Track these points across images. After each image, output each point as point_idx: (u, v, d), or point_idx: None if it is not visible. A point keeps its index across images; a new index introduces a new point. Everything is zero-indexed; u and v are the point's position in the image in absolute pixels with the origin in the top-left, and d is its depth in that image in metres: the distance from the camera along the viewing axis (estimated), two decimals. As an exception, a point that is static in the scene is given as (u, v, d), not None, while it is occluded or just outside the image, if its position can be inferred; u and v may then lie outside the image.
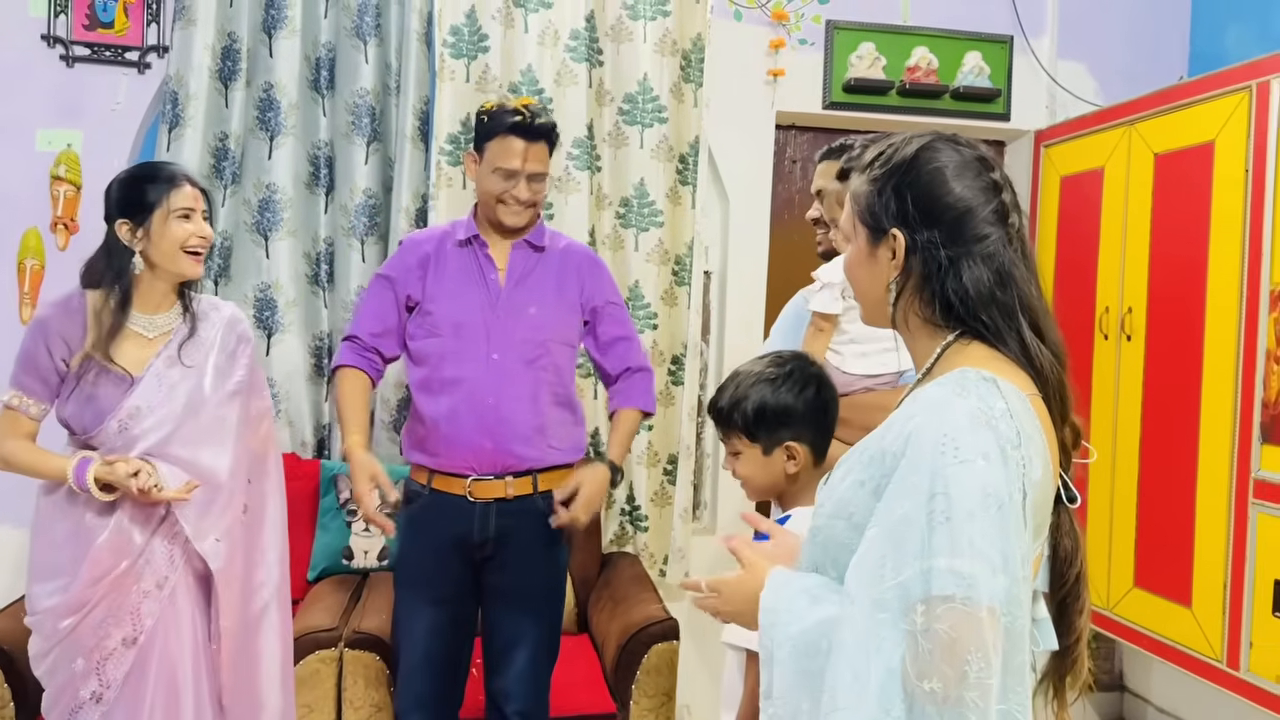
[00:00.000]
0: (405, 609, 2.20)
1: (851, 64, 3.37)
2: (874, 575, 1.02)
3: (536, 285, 2.20)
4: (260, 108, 3.00)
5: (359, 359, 2.24)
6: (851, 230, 1.20)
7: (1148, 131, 2.92)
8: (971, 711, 0.95)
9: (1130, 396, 2.95)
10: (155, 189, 1.89)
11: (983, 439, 1.00)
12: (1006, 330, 1.11)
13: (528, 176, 2.14)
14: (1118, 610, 2.98)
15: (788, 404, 1.62)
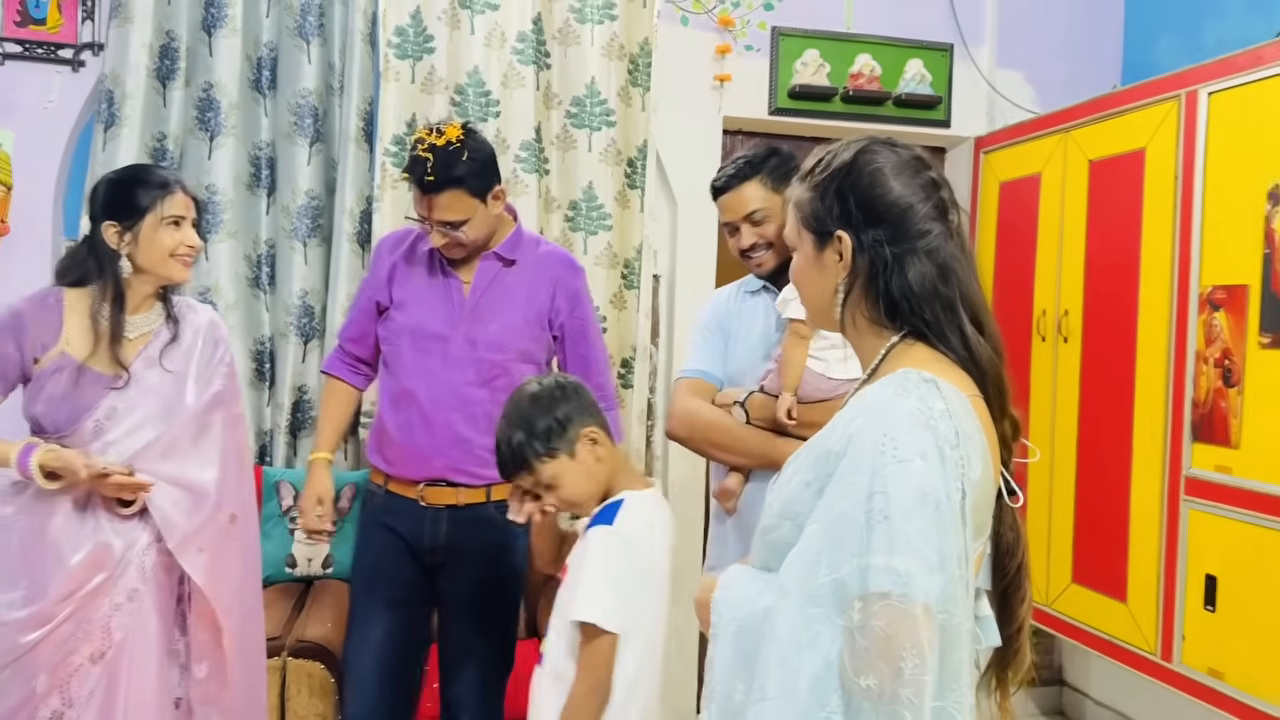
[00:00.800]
0: (361, 615, 2.17)
1: (796, 70, 3.41)
2: (809, 570, 1.04)
3: (502, 300, 2.12)
4: (200, 108, 2.95)
5: (341, 367, 2.24)
6: (797, 238, 1.21)
7: (1083, 138, 3.00)
8: (906, 708, 0.97)
9: (1067, 397, 3.02)
10: (148, 194, 1.85)
11: (921, 439, 1.02)
12: (948, 325, 1.13)
13: (438, 223, 2.03)
14: (1056, 606, 3.05)
15: (560, 410, 1.71)
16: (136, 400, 1.86)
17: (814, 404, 1.90)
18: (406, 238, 2.21)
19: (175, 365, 1.89)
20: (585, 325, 2.21)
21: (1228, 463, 2.44)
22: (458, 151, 1.98)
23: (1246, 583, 2.39)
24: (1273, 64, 2.36)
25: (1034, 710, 3.68)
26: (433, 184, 1.96)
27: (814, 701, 1.01)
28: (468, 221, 2.03)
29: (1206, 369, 2.52)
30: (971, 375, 1.13)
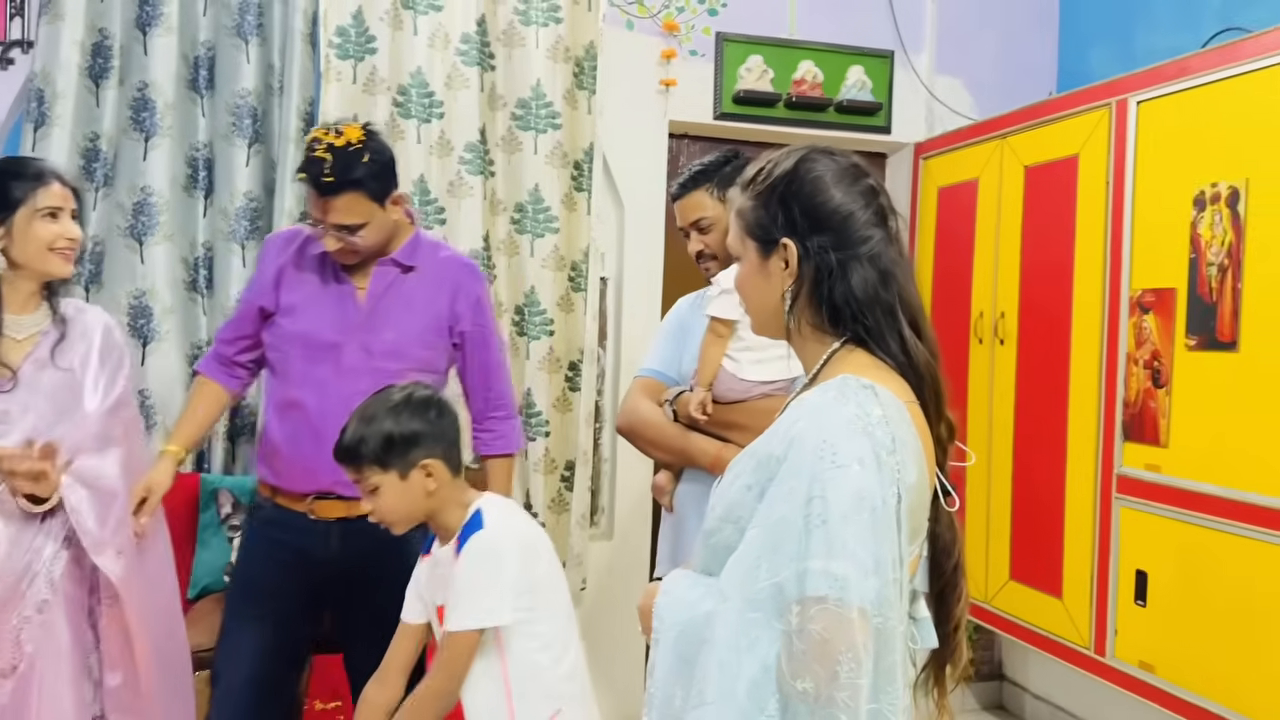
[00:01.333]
0: (234, 625, 2.08)
1: (741, 76, 3.44)
2: (749, 575, 1.05)
3: (398, 307, 2.05)
4: (134, 107, 2.87)
5: (216, 368, 2.17)
6: (741, 246, 1.23)
7: (1019, 145, 3.07)
8: (842, 711, 0.98)
9: (1004, 399, 3.09)
10: (20, 186, 1.80)
11: (859, 445, 1.04)
12: (888, 330, 1.15)
13: (333, 226, 1.94)
14: (995, 603, 3.12)
15: (414, 428, 1.72)
16: (28, 402, 1.81)
17: (728, 404, 1.94)
18: (295, 239, 2.12)
19: (66, 363, 1.85)
20: (486, 332, 2.16)
21: (1157, 461, 2.52)
22: (358, 153, 1.91)
23: (1175, 578, 2.46)
24: (1199, 74, 2.44)
25: (974, 705, 3.76)
26: (330, 185, 1.89)
27: (752, 705, 1.02)
28: (365, 226, 1.95)
29: (1137, 370, 2.59)
30: (909, 380, 1.16)
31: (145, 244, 2.89)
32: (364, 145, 1.92)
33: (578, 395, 3.19)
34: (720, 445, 1.94)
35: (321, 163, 1.88)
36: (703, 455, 1.96)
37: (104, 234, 2.88)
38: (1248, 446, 2.28)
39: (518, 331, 3.17)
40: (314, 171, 1.89)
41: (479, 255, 3.05)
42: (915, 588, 1.19)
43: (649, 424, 2.04)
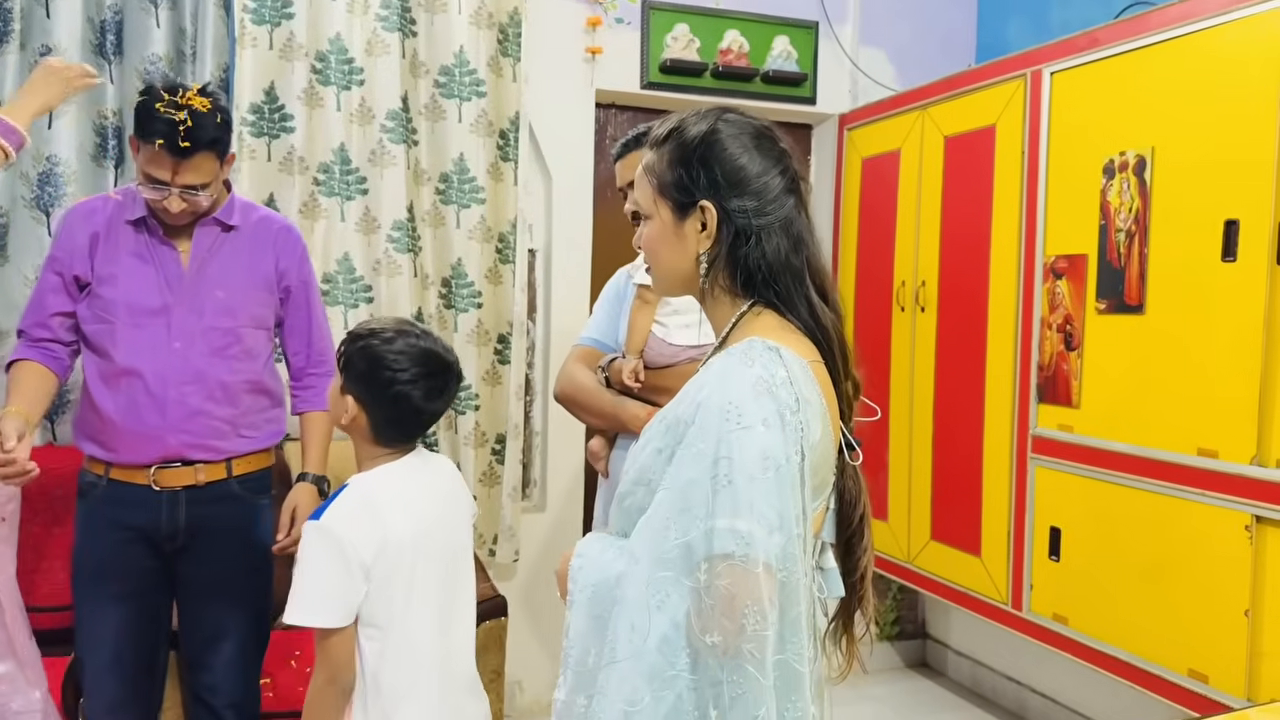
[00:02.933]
0: (88, 609, 2.02)
1: (667, 45, 3.44)
2: (659, 535, 1.08)
3: (225, 266, 2.04)
4: (36, 72, 2.76)
5: (29, 352, 2.02)
6: (652, 206, 1.22)
7: (939, 115, 3.13)
8: (748, 662, 1.02)
9: (924, 364, 3.17)
10: None
11: (764, 406, 1.07)
12: (797, 295, 1.18)
13: (183, 187, 1.92)
14: (917, 562, 3.21)
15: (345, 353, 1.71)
16: None
17: (659, 369, 1.97)
18: (103, 208, 2.05)
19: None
20: (310, 289, 2.20)
21: (1070, 421, 2.61)
22: (212, 114, 1.91)
23: (1087, 533, 2.57)
24: (1109, 45, 2.51)
25: (899, 663, 3.87)
26: (188, 149, 1.87)
27: (663, 660, 1.05)
28: (209, 185, 1.96)
29: (1050, 334, 2.68)
30: (816, 341, 1.18)
31: (52, 216, 2.78)
32: (214, 105, 1.93)
33: (507, 368, 3.18)
34: (650, 410, 1.96)
35: (176, 124, 1.85)
36: (634, 420, 1.98)
37: (8, 205, 2.76)
38: (1154, 405, 2.38)
39: (445, 304, 3.14)
40: (166, 132, 1.86)
41: (403, 226, 3.01)
42: (823, 539, 1.22)
43: (584, 390, 2.07)
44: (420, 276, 3.07)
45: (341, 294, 3.00)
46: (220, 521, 2.06)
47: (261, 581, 2.18)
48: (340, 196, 2.99)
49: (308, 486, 2.16)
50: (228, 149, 2.00)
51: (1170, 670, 2.33)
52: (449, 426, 3.15)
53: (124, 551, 2.02)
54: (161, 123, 1.86)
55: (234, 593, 2.10)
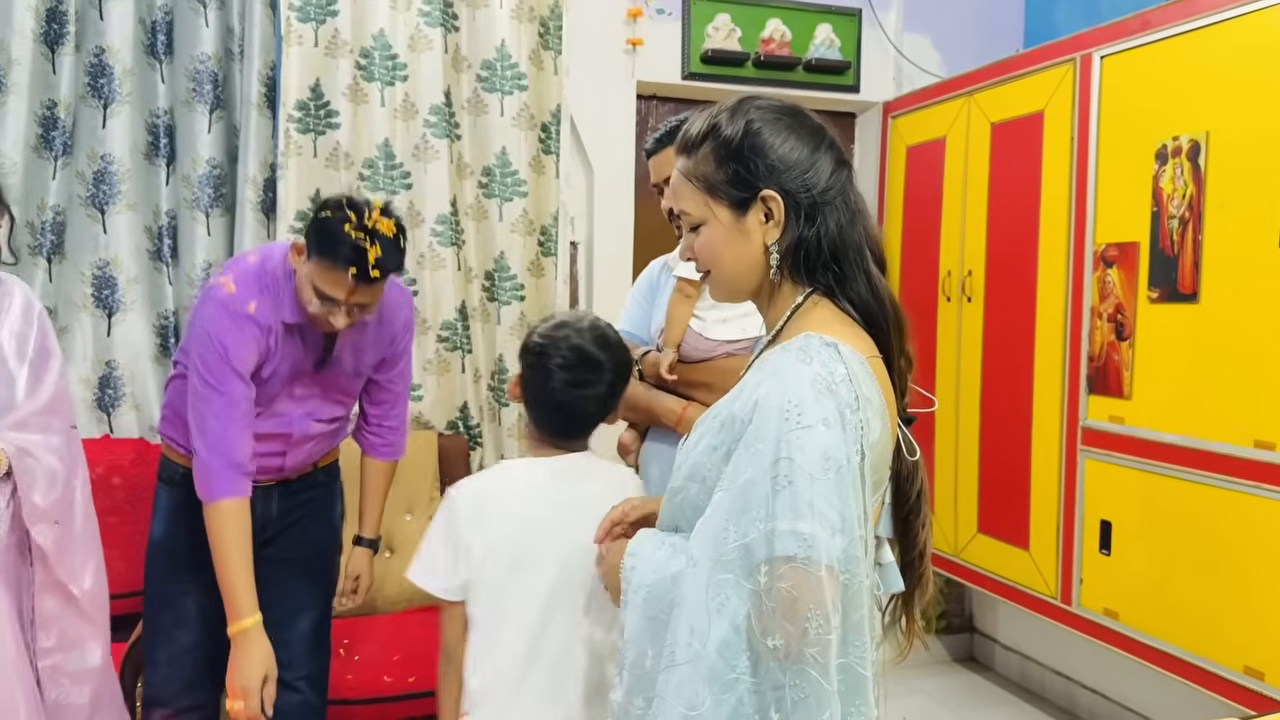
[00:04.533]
0: (172, 594, 2.06)
1: (709, 35, 3.42)
2: (718, 537, 1.06)
3: (358, 349, 2.07)
4: (92, 74, 2.82)
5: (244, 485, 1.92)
6: (704, 210, 1.18)
7: (985, 102, 3.07)
8: (812, 666, 1.00)
9: (971, 356, 3.12)
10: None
11: (824, 405, 1.04)
12: (857, 271, 1.15)
13: (355, 306, 1.88)
14: (964, 555, 3.17)
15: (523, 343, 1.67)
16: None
17: (694, 364, 1.95)
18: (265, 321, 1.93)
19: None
20: (409, 354, 2.20)
21: (1121, 413, 2.56)
22: (396, 239, 1.85)
23: (1138, 527, 2.52)
24: (1161, 28, 2.45)
25: (945, 657, 3.83)
26: (376, 279, 1.82)
27: (723, 664, 1.04)
28: (379, 300, 1.93)
29: (1101, 324, 2.62)
30: (873, 325, 1.16)
31: (107, 213, 2.85)
32: (398, 228, 1.86)
33: (550, 359, 3.19)
34: (685, 404, 1.96)
35: (366, 253, 1.79)
36: (668, 414, 1.97)
37: (64, 204, 2.83)
38: (1208, 396, 2.32)
39: (488, 297, 3.16)
40: (360, 262, 1.79)
41: (447, 220, 3.03)
42: (880, 534, 1.21)
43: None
44: (464, 270, 3.09)
45: (386, 288, 3.03)
46: (306, 508, 2.16)
47: (334, 559, 2.26)
48: (385, 191, 3.02)
49: (366, 553, 2.25)
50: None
51: (1225, 667, 2.27)
52: (493, 418, 3.17)
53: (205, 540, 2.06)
54: (352, 249, 1.79)
55: (312, 570, 2.17)
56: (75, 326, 2.85)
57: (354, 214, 1.81)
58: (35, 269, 2.80)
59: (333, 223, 1.81)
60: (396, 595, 2.91)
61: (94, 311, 2.86)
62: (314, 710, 2.18)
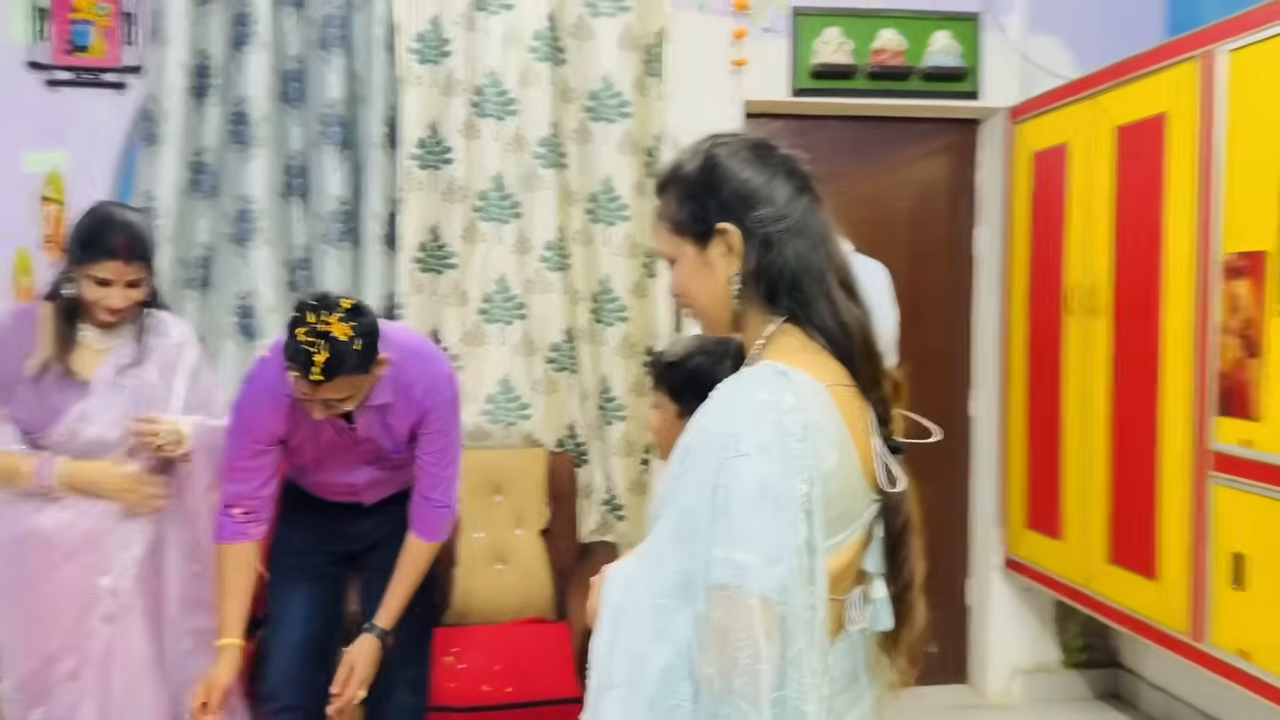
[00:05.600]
0: (282, 588, 2.27)
1: (817, 49, 3.39)
2: (658, 562, 1.08)
3: (387, 430, 2.13)
4: (233, 122, 3.10)
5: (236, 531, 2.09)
6: (675, 249, 1.22)
7: (1109, 104, 2.90)
8: (740, 698, 0.99)
9: (1098, 374, 2.94)
10: (86, 251, 1.97)
11: (764, 433, 1.04)
12: (818, 295, 1.15)
13: (322, 401, 1.94)
14: (1093, 586, 2.98)
15: (715, 379, 1.65)
16: (109, 403, 2.02)
17: None
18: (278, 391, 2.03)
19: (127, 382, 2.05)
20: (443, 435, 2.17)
21: (1250, 436, 2.35)
22: (351, 342, 1.87)
23: (1273, 561, 2.30)
24: (1291, 18, 2.25)
25: (1088, 693, 3.61)
26: (320, 381, 1.87)
27: (663, 689, 1.05)
28: (353, 395, 1.97)
29: (1229, 340, 2.42)
30: (841, 348, 1.15)
31: (248, 249, 3.12)
32: (354, 333, 1.87)
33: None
34: None
35: (310, 358, 1.84)
36: None
37: (212, 241, 3.12)
38: (1348, 420, 2.10)
39: (594, 319, 3.24)
40: (305, 366, 1.86)
41: (554, 246, 3.14)
42: (869, 569, 1.18)
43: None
44: (570, 293, 3.19)
45: (498, 312, 3.17)
46: (400, 520, 2.25)
47: (433, 567, 2.34)
48: (497, 221, 3.16)
49: (372, 642, 2.15)
50: (369, 365, 1.94)
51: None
52: (599, 437, 3.25)
53: (315, 540, 2.28)
54: (297, 353, 1.85)
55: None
56: (221, 352, 3.13)
57: (310, 315, 1.86)
58: (187, 300, 3.09)
59: (289, 325, 1.90)
60: (505, 607, 3.03)
61: (237, 338, 3.13)
62: (413, 712, 2.31)
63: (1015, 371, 3.41)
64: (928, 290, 3.66)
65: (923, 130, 3.63)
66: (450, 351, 3.15)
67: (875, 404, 1.16)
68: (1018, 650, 3.60)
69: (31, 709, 2.01)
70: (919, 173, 3.66)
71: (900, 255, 3.64)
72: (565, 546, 3.12)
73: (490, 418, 3.17)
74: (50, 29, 3.04)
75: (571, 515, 3.16)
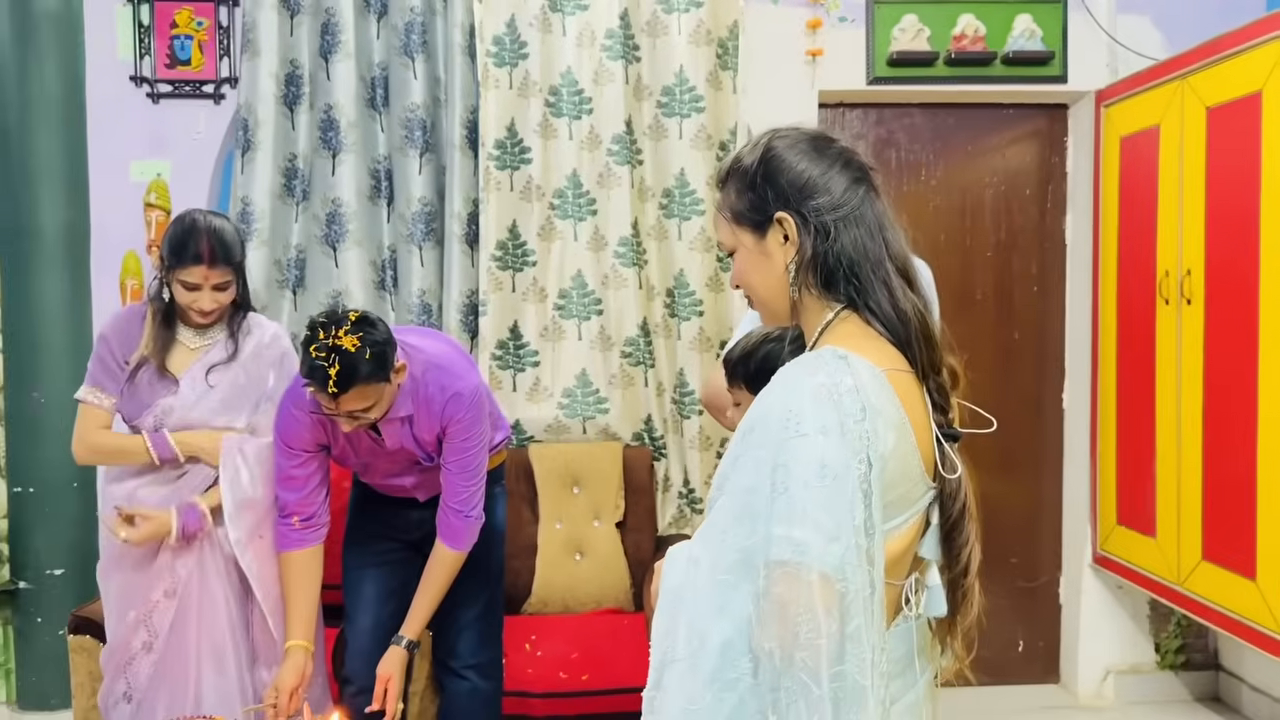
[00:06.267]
0: (355, 575, 2.37)
1: (894, 37, 3.34)
2: (719, 540, 1.11)
3: (418, 439, 2.20)
4: (322, 128, 3.23)
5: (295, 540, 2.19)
6: (734, 239, 1.26)
7: (1199, 84, 2.79)
8: (802, 671, 1.02)
9: (1192, 365, 2.83)
10: (176, 256, 2.09)
11: (824, 414, 1.06)
12: (875, 283, 1.17)
13: (346, 414, 2.00)
14: (1188, 585, 2.88)
15: (747, 367, 1.67)
16: (193, 401, 2.15)
17: None
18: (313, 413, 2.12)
19: (216, 381, 2.17)
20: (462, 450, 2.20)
21: (1353, 430, 2.24)
22: (361, 352, 1.92)
23: (1379, 560, 2.19)
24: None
25: (1186, 695, 3.48)
26: (335, 393, 1.94)
27: (724, 662, 1.08)
28: (375, 404, 2.03)
29: (1330, 328, 2.31)
30: (898, 335, 1.17)
31: (339, 250, 3.25)
32: (361, 343, 1.93)
33: (734, 373, 3.24)
34: None
35: (325, 372, 1.91)
36: None
37: (304, 243, 3.26)
38: None
39: (669, 314, 3.27)
40: (320, 379, 1.93)
41: (629, 242, 3.18)
42: (926, 556, 1.19)
43: (719, 395, 2.10)
44: (645, 288, 3.22)
45: (575, 308, 3.23)
46: None
47: (496, 557, 2.45)
48: (573, 219, 3.22)
49: (400, 654, 2.21)
50: (386, 374, 2.00)
51: None
52: (676, 430, 3.28)
53: (385, 528, 2.38)
54: (312, 369, 1.93)
55: (470, 567, 2.32)
56: (314, 350, 3.27)
57: (321, 333, 1.93)
58: (283, 301, 3.24)
59: (303, 343, 1.97)
60: (586, 597, 3.09)
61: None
62: (484, 697, 2.38)
63: (1106, 362, 3.30)
64: (1016, 280, 3.58)
65: (1006, 116, 3.54)
66: (529, 347, 3.23)
67: (933, 391, 1.18)
68: (1111, 650, 3.49)
69: (116, 680, 2.17)
70: (1004, 160, 3.57)
71: (986, 244, 3.57)
72: (643, 539, 3.16)
73: (568, 412, 3.23)
74: (153, 44, 3.21)
75: (649, 508, 3.20)
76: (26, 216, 3.10)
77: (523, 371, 3.23)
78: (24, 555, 3.17)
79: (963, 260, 3.56)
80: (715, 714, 1.08)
